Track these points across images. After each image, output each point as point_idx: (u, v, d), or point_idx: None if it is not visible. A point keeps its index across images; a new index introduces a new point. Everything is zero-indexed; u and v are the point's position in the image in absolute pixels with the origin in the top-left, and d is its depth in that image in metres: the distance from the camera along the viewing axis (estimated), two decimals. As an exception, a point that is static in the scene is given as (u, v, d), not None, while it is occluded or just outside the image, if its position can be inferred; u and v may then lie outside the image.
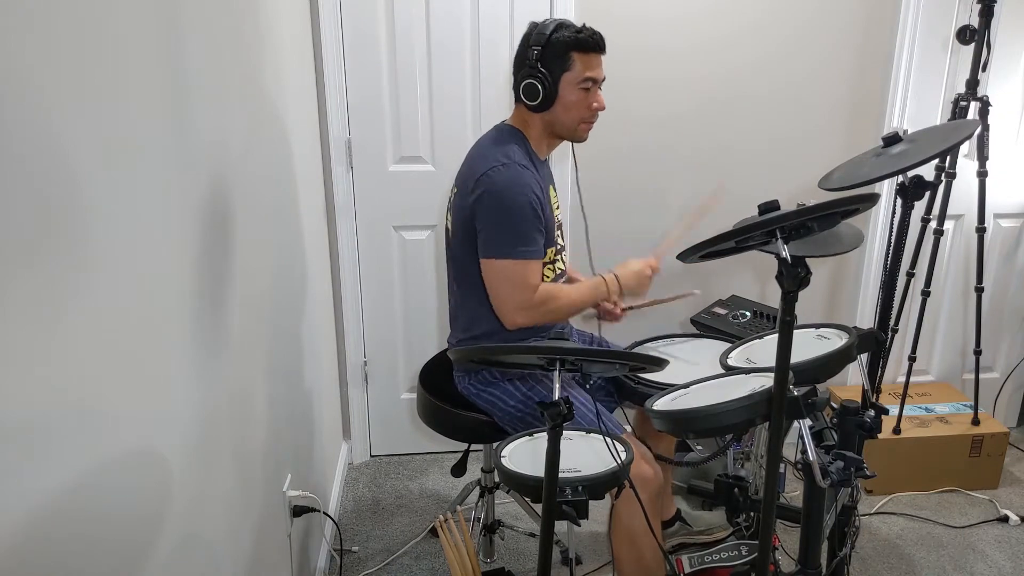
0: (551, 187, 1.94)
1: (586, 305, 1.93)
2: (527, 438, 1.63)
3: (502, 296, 1.82)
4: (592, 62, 1.79)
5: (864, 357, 1.72)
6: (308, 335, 2.21)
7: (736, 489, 1.73)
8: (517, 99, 1.84)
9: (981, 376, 2.80)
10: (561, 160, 2.31)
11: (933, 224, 2.60)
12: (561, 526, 1.65)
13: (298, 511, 1.89)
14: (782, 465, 2.43)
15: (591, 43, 1.77)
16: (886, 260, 1.77)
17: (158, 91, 1.10)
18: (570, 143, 1.93)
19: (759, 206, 1.26)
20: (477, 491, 2.27)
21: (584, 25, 1.79)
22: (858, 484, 1.70)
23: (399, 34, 2.52)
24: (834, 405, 1.55)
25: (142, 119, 1.04)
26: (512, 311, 1.82)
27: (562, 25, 1.77)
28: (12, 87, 0.73)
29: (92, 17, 0.90)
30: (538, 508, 1.48)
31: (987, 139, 2.55)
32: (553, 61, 1.77)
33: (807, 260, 1.21)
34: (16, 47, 0.74)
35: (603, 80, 1.84)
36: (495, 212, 1.76)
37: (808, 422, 1.29)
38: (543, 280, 1.86)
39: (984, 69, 2.49)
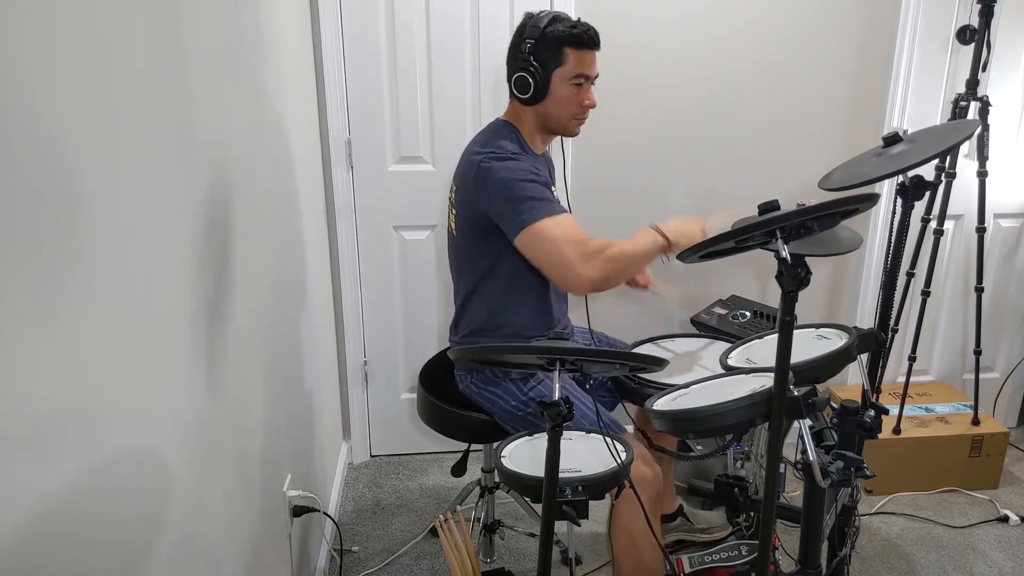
0: (551, 183, 1.94)
1: (646, 256, 1.77)
2: (527, 438, 1.63)
3: (553, 260, 1.71)
4: (586, 58, 1.77)
5: (864, 357, 1.72)
6: (308, 335, 2.21)
7: (736, 489, 1.73)
8: (510, 91, 1.84)
9: (981, 376, 2.80)
10: (555, 156, 2.31)
11: (933, 224, 2.60)
12: (561, 526, 1.65)
13: (298, 511, 1.89)
14: (782, 465, 2.43)
15: (585, 39, 1.75)
16: (886, 260, 1.76)
17: (158, 91, 1.10)
18: (563, 141, 1.92)
19: (759, 206, 1.25)
20: (477, 491, 2.27)
21: (579, 20, 1.78)
22: (858, 484, 1.71)
23: (399, 34, 2.52)
24: (834, 405, 1.55)
25: (142, 119, 1.04)
26: (576, 266, 1.69)
27: (557, 18, 1.76)
28: (11, 88, 0.73)
29: (91, 17, 0.90)
30: (538, 508, 1.48)
31: (987, 139, 2.55)
32: (546, 55, 1.75)
33: (807, 260, 1.21)
34: (15, 48, 0.74)
35: (596, 77, 1.82)
36: (503, 191, 1.73)
37: (808, 422, 1.29)
38: None
39: (984, 69, 2.49)
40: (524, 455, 1.55)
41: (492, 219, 1.77)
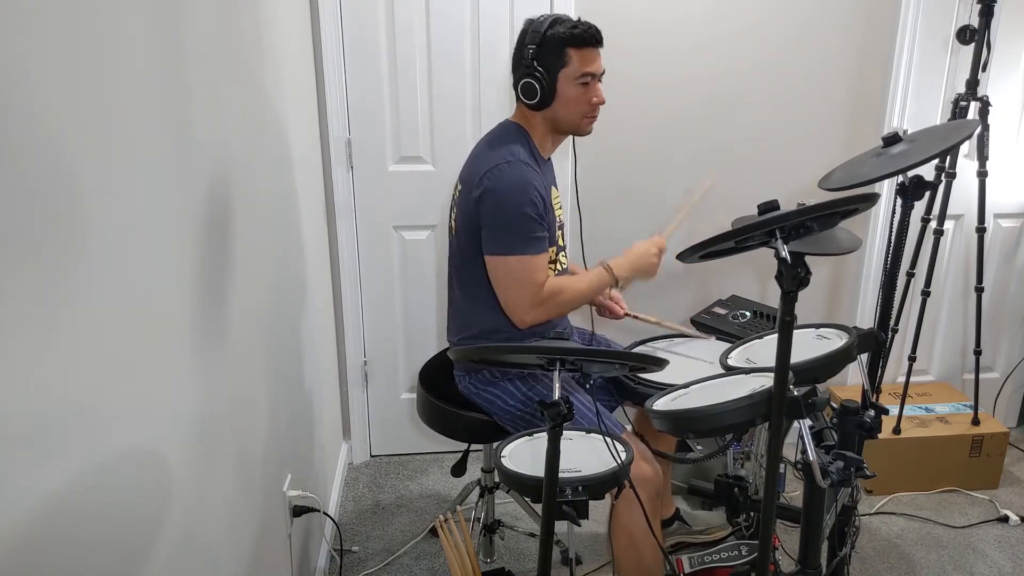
0: (553, 187, 1.94)
1: (594, 294, 1.92)
2: (527, 438, 1.63)
3: (510, 295, 1.81)
4: (589, 56, 1.78)
5: (864, 357, 1.72)
6: (308, 335, 2.21)
7: (736, 489, 1.73)
8: (517, 98, 1.84)
9: (981, 376, 2.80)
10: (561, 159, 2.31)
11: (933, 224, 2.60)
12: (561, 526, 1.65)
13: (298, 511, 1.89)
14: (782, 465, 2.43)
15: (587, 37, 1.76)
16: (886, 260, 1.76)
17: (158, 91, 1.10)
18: (571, 141, 1.93)
19: (759, 206, 1.26)
20: (477, 491, 2.27)
21: (579, 19, 1.78)
22: (858, 484, 1.71)
23: (399, 34, 2.52)
24: (834, 405, 1.55)
25: (141, 119, 1.04)
26: (521, 309, 1.81)
27: (557, 21, 1.76)
28: (11, 88, 0.73)
29: (91, 17, 0.90)
30: (538, 508, 1.48)
31: (987, 139, 2.55)
32: (549, 58, 1.76)
33: (807, 260, 1.21)
34: (14, 48, 0.74)
35: (602, 73, 1.83)
36: (498, 209, 1.76)
37: (808, 422, 1.29)
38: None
39: (984, 69, 2.49)
40: (524, 455, 1.55)
41: (479, 225, 1.79)
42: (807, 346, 1.53)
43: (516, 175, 1.76)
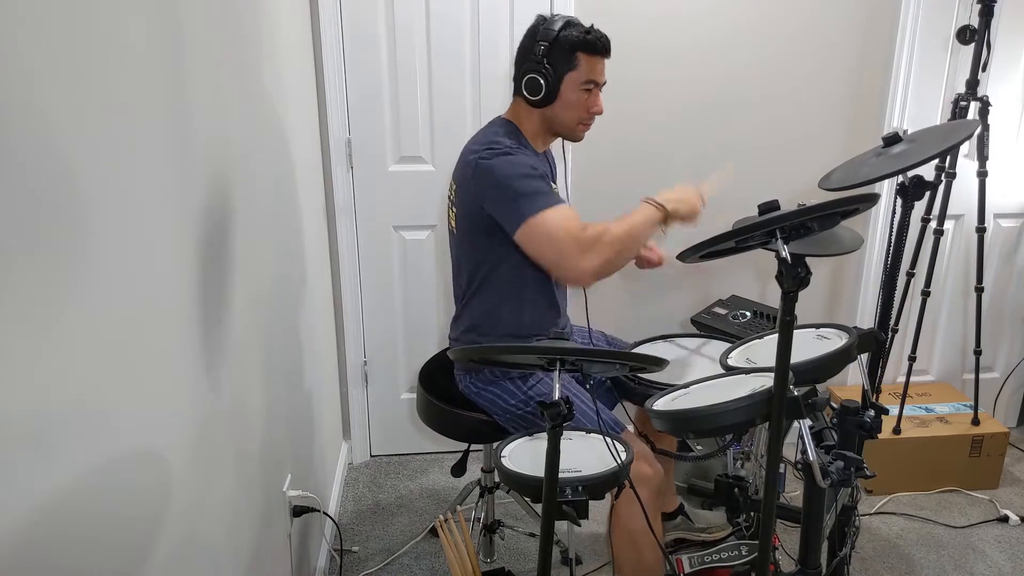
0: (551, 181, 1.93)
1: (644, 229, 1.75)
2: (527, 438, 1.63)
3: (554, 253, 1.71)
4: (597, 65, 1.79)
5: (864, 357, 1.72)
6: (308, 335, 2.21)
7: (736, 489, 1.73)
8: (517, 91, 1.83)
9: (981, 376, 2.80)
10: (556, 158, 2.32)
11: (933, 224, 2.60)
12: (561, 526, 1.65)
13: (298, 511, 1.89)
14: (782, 465, 2.43)
15: (598, 46, 1.77)
16: (886, 260, 1.76)
17: (157, 91, 1.10)
18: (562, 144, 1.93)
19: (759, 206, 1.26)
20: (477, 491, 2.27)
21: (592, 26, 1.79)
22: (858, 484, 1.71)
23: (399, 34, 2.52)
24: (834, 405, 1.55)
25: (141, 119, 1.04)
26: (573, 261, 1.68)
27: (570, 23, 1.77)
28: (9, 86, 0.73)
29: (91, 16, 0.90)
30: (538, 508, 1.48)
31: (987, 139, 2.55)
32: (559, 58, 1.76)
33: (807, 260, 1.21)
34: (13, 47, 0.74)
35: (604, 84, 1.84)
36: (500, 187, 1.73)
37: (808, 422, 1.29)
38: None
39: (984, 69, 2.49)
40: (524, 455, 1.55)
41: (492, 216, 1.77)
42: (807, 346, 1.53)
43: (501, 156, 1.74)
